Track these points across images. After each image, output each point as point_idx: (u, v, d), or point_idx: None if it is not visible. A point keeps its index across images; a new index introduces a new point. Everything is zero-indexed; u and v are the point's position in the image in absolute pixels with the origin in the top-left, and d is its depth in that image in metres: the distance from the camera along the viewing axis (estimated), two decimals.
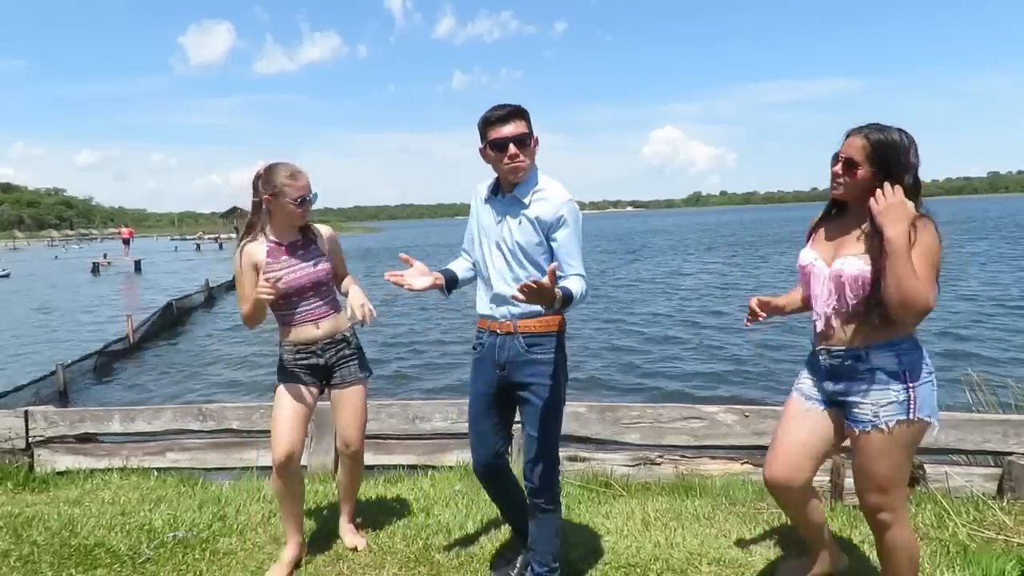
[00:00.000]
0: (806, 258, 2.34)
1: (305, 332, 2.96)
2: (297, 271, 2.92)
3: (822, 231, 2.35)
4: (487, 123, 2.49)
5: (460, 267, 2.78)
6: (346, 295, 3.03)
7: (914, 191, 2.10)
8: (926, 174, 2.19)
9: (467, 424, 2.87)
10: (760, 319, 2.52)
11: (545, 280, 2.15)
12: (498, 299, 2.56)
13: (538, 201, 2.51)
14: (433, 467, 4.39)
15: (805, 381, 2.41)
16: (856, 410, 2.22)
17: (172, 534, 3.31)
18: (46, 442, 4.75)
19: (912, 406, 2.14)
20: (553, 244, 2.50)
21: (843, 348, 2.22)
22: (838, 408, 2.31)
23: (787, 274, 22.48)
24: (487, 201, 2.64)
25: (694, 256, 34.66)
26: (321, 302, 2.99)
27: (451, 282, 2.69)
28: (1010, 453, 3.60)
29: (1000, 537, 3.10)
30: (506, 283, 2.53)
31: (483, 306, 2.63)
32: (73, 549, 3.21)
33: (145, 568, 3.03)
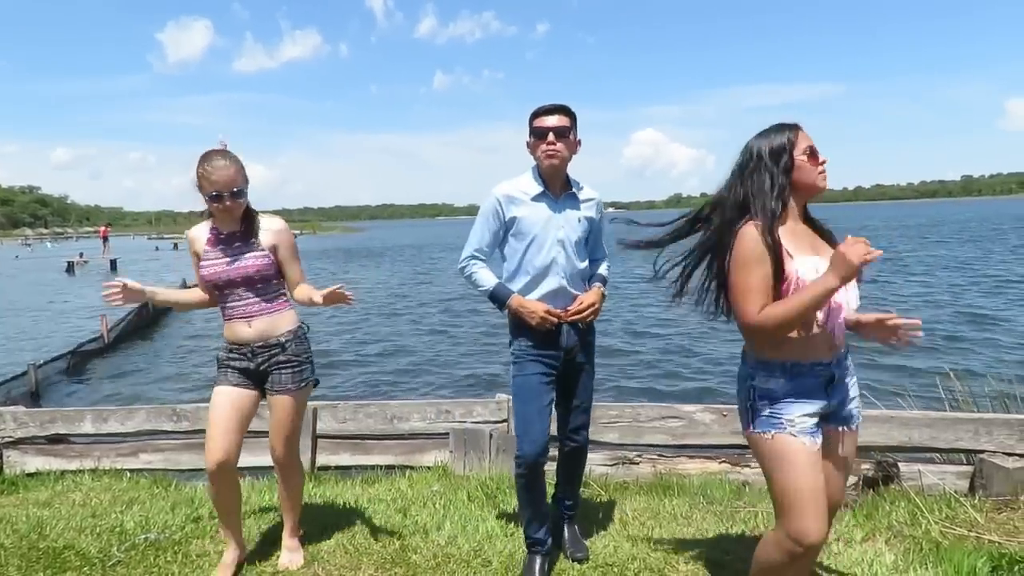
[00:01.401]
0: (815, 266, 1.99)
1: (237, 330, 2.79)
2: (231, 263, 2.75)
3: (791, 237, 2.06)
4: (534, 115, 2.73)
5: (494, 275, 2.89)
6: (309, 303, 2.83)
7: None
8: (902, 176, 2.20)
9: (439, 425, 2.96)
10: None
11: (585, 299, 2.79)
12: (560, 294, 2.78)
13: (587, 203, 2.86)
14: (411, 467, 4.36)
15: (799, 417, 2.03)
16: (850, 407, 2.14)
17: (144, 536, 3.26)
18: (15, 443, 4.66)
19: None
20: (591, 235, 2.90)
21: (842, 352, 2.11)
22: (826, 423, 2.12)
23: None
24: (537, 200, 2.76)
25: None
26: (254, 299, 2.78)
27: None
28: (982, 451, 3.65)
29: (972, 534, 3.14)
30: (568, 279, 2.79)
31: (536, 297, 2.78)
32: (41, 552, 3.15)
33: (115, 571, 2.98)
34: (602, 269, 2.99)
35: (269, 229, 2.82)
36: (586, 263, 2.87)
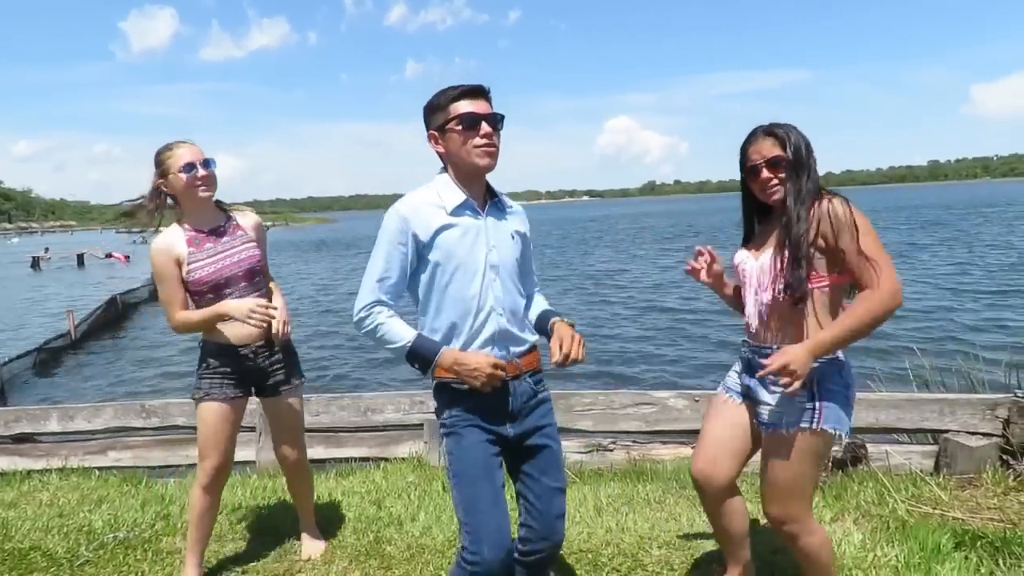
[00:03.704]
0: (738, 257, 2.29)
1: (238, 330, 2.61)
2: (226, 258, 2.62)
3: (757, 231, 2.31)
4: (452, 97, 1.98)
5: (407, 325, 2.06)
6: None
7: (816, 190, 2.09)
8: (871, 162, 2.20)
9: (413, 416, 2.66)
10: (699, 271, 2.35)
11: (564, 335, 2.01)
12: (501, 336, 2.04)
13: (515, 213, 2.18)
14: (385, 459, 4.34)
15: (731, 374, 2.37)
16: (761, 409, 2.17)
17: (112, 535, 3.21)
18: None
19: (817, 416, 2.06)
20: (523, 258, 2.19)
21: (762, 345, 2.16)
22: (751, 403, 2.26)
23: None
24: (456, 213, 2.02)
25: (633, 247, 35.06)
26: (255, 294, 2.66)
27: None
28: (946, 431, 3.73)
29: (936, 512, 3.21)
30: (508, 316, 2.05)
31: (473, 348, 2.02)
32: (7, 553, 3.09)
33: (84, 570, 2.93)
34: (545, 304, 2.25)
35: (250, 223, 2.74)
36: (523, 298, 2.17)
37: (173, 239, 2.60)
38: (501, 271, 2.05)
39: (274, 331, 2.62)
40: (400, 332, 2.00)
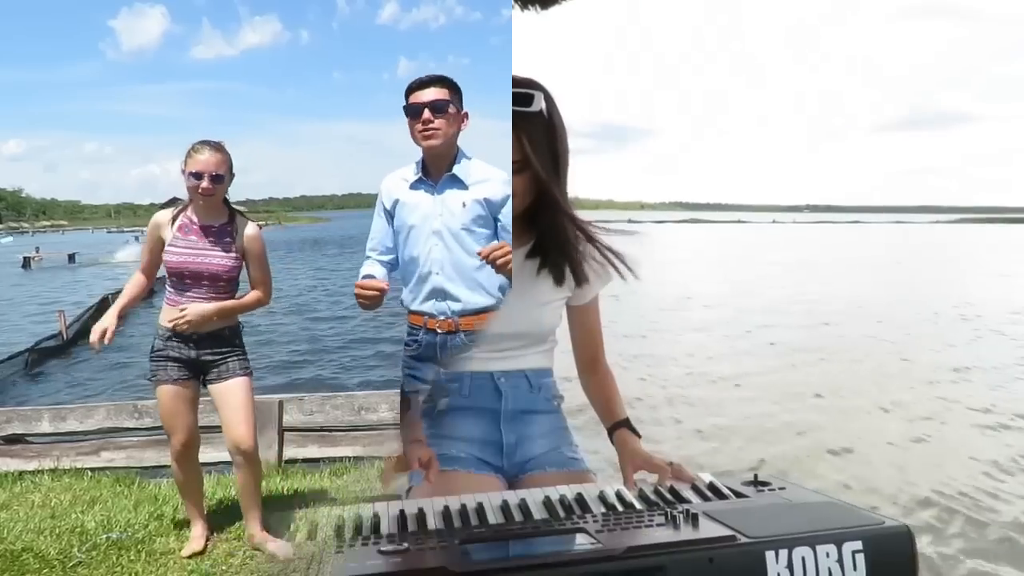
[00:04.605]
0: None
1: (168, 314, 2.84)
2: (196, 255, 2.81)
3: None
4: (407, 91, 2.28)
5: (377, 269, 2.42)
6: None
7: None
8: None
9: None
10: None
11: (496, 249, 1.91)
12: (437, 294, 2.31)
13: (481, 183, 2.32)
14: (380, 458, 4.33)
15: None
16: None
17: (106, 536, 3.20)
18: None
19: None
20: (499, 223, 2.34)
21: None
22: None
23: None
24: (415, 187, 2.35)
25: None
26: (212, 294, 2.85)
27: None
28: None
29: None
30: (445, 276, 2.30)
31: (416, 302, 2.34)
32: None
33: (76, 571, 2.92)
34: None
35: (244, 234, 2.89)
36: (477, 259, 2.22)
37: (164, 220, 2.87)
38: (445, 236, 2.31)
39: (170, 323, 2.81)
40: (362, 272, 2.36)
